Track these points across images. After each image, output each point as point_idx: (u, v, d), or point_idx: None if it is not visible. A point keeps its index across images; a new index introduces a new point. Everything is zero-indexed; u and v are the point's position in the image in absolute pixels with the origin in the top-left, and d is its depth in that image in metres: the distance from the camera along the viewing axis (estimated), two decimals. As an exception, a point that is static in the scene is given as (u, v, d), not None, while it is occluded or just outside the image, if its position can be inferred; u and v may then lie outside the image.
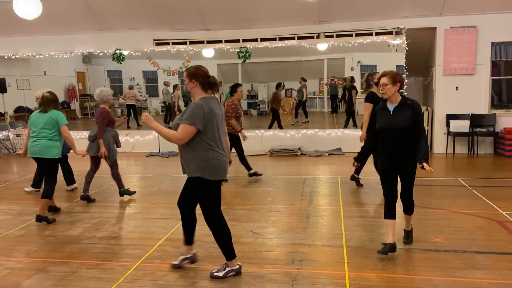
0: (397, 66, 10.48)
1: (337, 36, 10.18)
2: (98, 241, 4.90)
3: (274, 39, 10.51)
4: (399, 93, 4.16)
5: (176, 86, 14.19)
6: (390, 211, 4.22)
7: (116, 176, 6.61)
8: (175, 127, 3.62)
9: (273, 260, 4.24)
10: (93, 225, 5.45)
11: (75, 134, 9.89)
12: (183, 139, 3.57)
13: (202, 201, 3.78)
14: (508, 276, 3.76)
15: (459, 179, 7.43)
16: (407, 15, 9.75)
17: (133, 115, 14.23)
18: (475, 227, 5.00)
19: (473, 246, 4.44)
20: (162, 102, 16.49)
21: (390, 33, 9.88)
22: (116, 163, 6.59)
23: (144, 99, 17.20)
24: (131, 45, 11.21)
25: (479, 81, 9.71)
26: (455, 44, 9.65)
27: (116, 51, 11.21)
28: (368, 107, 5.98)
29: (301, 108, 13.88)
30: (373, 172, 6.42)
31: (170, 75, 14.12)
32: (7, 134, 11.68)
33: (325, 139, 10.61)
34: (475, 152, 9.85)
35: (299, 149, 10.38)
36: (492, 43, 9.57)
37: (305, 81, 13.77)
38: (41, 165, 5.81)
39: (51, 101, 5.64)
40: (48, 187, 5.65)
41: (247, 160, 7.80)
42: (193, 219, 4.00)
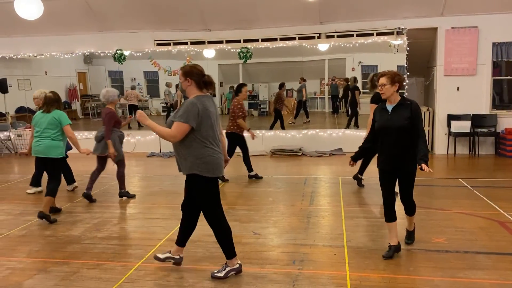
0: (398, 66, 10.48)
1: (338, 36, 10.19)
2: (99, 241, 4.90)
3: (275, 39, 10.51)
4: (398, 93, 4.14)
5: (178, 86, 14.20)
6: (390, 214, 4.20)
7: (120, 177, 6.65)
8: (169, 125, 3.63)
9: (274, 261, 4.24)
10: (94, 225, 5.46)
11: (76, 135, 9.85)
12: (176, 136, 3.58)
13: (200, 198, 3.79)
14: (509, 277, 3.76)
15: (460, 179, 7.42)
16: (408, 16, 9.75)
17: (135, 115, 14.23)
18: (476, 228, 4.99)
19: (474, 247, 4.44)
20: (164, 103, 16.51)
21: (391, 33, 9.87)
22: (123, 163, 6.64)
23: (146, 99, 17.21)
24: (132, 45, 11.22)
25: (480, 81, 9.70)
26: (456, 45, 9.65)
27: (117, 51, 11.22)
28: (374, 108, 5.96)
29: (302, 108, 13.88)
30: (375, 173, 6.40)
31: (171, 75, 14.16)
32: (8, 134, 11.70)
33: (326, 140, 10.62)
34: (476, 153, 9.84)
35: (300, 149, 10.38)
36: (493, 44, 9.56)
37: (304, 81, 13.75)
38: (44, 164, 5.84)
39: (54, 101, 5.70)
40: (53, 185, 5.70)
41: (250, 161, 7.81)
42: (193, 224, 4.01)
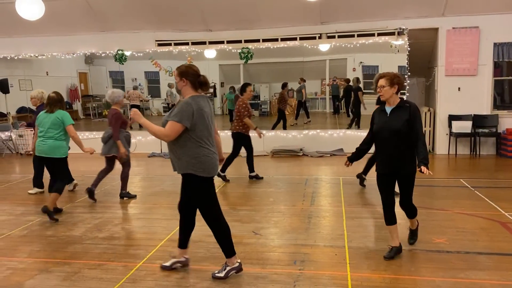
0: (399, 66, 10.49)
1: (339, 36, 10.19)
2: (100, 241, 4.91)
3: (276, 39, 10.51)
4: (397, 95, 4.08)
5: None
6: (389, 217, 4.18)
7: (124, 177, 6.67)
8: (164, 124, 3.64)
9: (275, 261, 4.24)
10: (95, 225, 5.47)
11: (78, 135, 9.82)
12: (169, 135, 3.59)
13: (196, 198, 3.79)
14: (510, 277, 3.75)
15: (461, 180, 7.42)
16: (409, 16, 9.75)
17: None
18: (477, 228, 4.99)
19: (475, 247, 4.43)
20: (166, 103, 16.51)
21: (392, 33, 9.87)
22: (128, 164, 6.66)
23: (148, 99, 17.21)
24: (133, 45, 11.23)
25: (481, 81, 9.69)
26: (457, 45, 9.64)
27: (118, 51, 11.23)
28: None
29: (302, 108, 13.87)
30: (375, 173, 6.40)
31: (172, 75, 14.14)
32: (9, 134, 11.71)
33: (327, 140, 10.61)
34: (477, 153, 9.83)
35: (301, 149, 10.38)
36: (495, 44, 9.55)
37: (304, 81, 13.74)
38: (48, 164, 5.90)
39: (57, 102, 5.79)
40: (60, 183, 5.81)
41: (253, 162, 7.81)
42: (191, 223, 4.01)
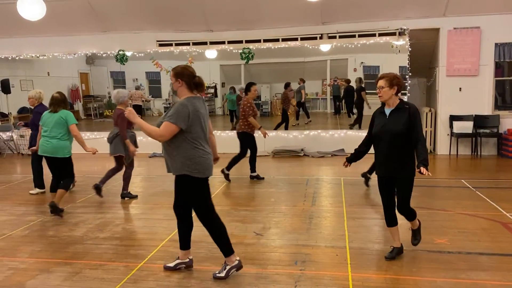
0: (400, 67, 10.49)
1: (340, 37, 10.18)
2: (101, 241, 4.91)
3: (277, 40, 10.51)
4: (396, 96, 4.02)
5: None
6: (390, 219, 4.16)
7: (126, 177, 6.68)
8: (159, 125, 3.65)
9: (276, 261, 4.24)
10: (97, 225, 5.47)
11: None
12: (164, 136, 3.59)
13: (190, 199, 3.80)
14: (512, 278, 3.75)
15: (462, 180, 7.41)
16: (410, 16, 9.74)
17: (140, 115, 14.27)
18: (479, 229, 4.98)
19: (477, 248, 4.43)
20: (168, 104, 16.52)
21: (393, 34, 9.86)
22: (132, 165, 6.68)
23: (151, 99, 17.23)
24: (134, 46, 11.24)
25: (482, 82, 9.68)
26: (459, 45, 9.63)
27: (120, 52, 11.24)
28: None
29: (301, 109, 13.86)
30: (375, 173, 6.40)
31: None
32: (11, 135, 11.73)
33: (328, 140, 10.61)
34: (479, 153, 9.82)
35: (302, 150, 10.38)
36: (496, 44, 9.54)
37: (304, 82, 13.73)
38: (52, 163, 5.95)
39: (60, 102, 5.90)
40: (67, 180, 5.93)
41: (255, 162, 7.79)
42: (189, 224, 4.01)
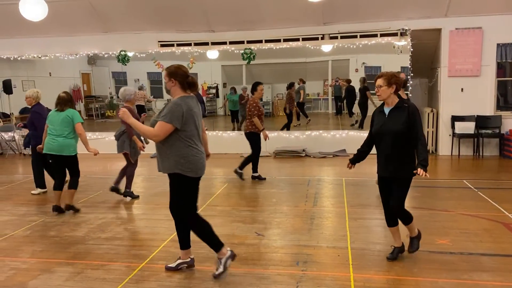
0: (402, 67, 10.46)
1: (341, 37, 10.19)
2: (103, 242, 4.91)
3: (279, 40, 10.51)
4: (395, 95, 3.98)
5: None
6: (390, 219, 4.16)
7: (129, 175, 6.69)
8: (153, 124, 3.66)
9: (277, 262, 4.24)
10: (98, 226, 5.48)
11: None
12: (159, 135, 3.61)
13: (178, 197, 3.81)
14: (514, 279, 3.74)
15: (464, 181, 7.40)
16: (412, 17, 9.73)
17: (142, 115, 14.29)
18: (480, 229, 4.97)
19: (478, 249, 4.42)
20: None
21: (395, 34, 9.86)
22: (136, 163, 6.70)
23: (154, 99, 17.22)
24: (136, 46, 11.26)
25: (484, 82, 9.67)
26: (460, 46, 9.62)
27: (121, 52, 11.26)
28: None
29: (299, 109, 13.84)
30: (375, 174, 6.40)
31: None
32: (12, 135, 11.75)
33: (329, 141, 10.61)
34: (481, 154, 9.81)
35: (303, 150, 10.37)
36: (498, 45, 9.53)
37: (304, 82, 13.72)
38: (57, 161, 6.01)
39: (67, 101, 6.03)
40: (74, 179, 6.06)
41: (258, 163, 7.79)
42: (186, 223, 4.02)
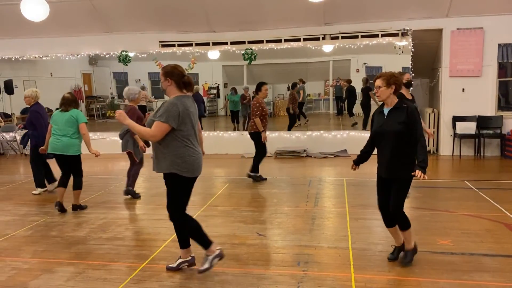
0: (403, 67, 10.44)
1: (342, 37, 10.18)
2: (104, 242, 4.92)
3: (280, 40, 10.51)
4: (395, 95, 3.96)
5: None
6: (387, 220, 4.12)
7: (134, 174, 6.70)
8: (149, 124, 3.68)
9: (278, 262, 4.24)
10: (99, 226, 5.48)
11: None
12: (156, 135, 3.63)
13: (172, 196, 3.82)
14: (515, 279, 3.73)
15: (465, 181, 7.39)
16: (413, 17, 9.72)
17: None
18: (482, 230, 4.97)
19: (480, 249, 4.41)
20: None
21: (396, 34, 9.85)
22: (142, 162, 6.70)
23: (156, 100, 17.23)
24: (137, 47, 11.26)
25: (485, 82, 9.66)
26: (462, 46, 9.61)
27: (122, 53, 11.27)
28: None
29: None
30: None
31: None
32: (14, 135, 11.76)
33: (330, 141, 10.60)
34: (482, 154, 9.80)
35: (304, 150, 10.37)
36: (499, 45, 9.51)
37: (303, 83, 13.71)
38: (61, 161, 6.06)
39: (71, 101, 6.11)
40: (78, 180, 6.14)
41: (260, 163, 7.80)
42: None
